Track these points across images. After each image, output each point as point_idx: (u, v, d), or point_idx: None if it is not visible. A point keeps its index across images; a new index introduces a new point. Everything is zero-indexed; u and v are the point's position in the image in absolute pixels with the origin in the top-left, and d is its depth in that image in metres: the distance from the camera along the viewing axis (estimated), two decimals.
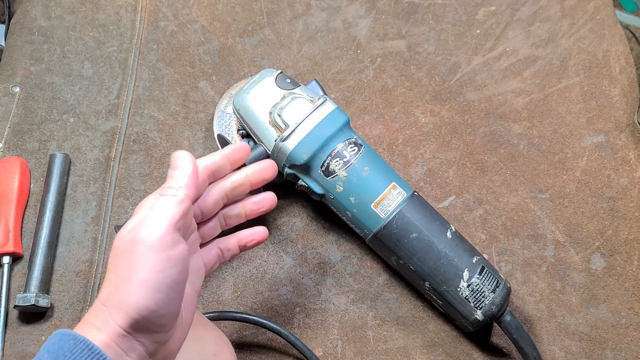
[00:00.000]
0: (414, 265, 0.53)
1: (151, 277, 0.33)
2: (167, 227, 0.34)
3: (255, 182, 0.44)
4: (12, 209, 0.58)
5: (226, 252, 0.44)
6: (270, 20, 0.72)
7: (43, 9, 0.70)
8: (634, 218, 0.62)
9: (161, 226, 0.34)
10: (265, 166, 0.44)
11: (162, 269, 0.33)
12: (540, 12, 0.73)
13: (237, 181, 0.43)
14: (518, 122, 0.67)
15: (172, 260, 0.34)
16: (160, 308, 0.34)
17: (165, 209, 0.35)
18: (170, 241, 0.34)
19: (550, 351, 0.56)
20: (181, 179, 0.36)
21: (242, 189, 0.43)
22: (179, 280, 0.34)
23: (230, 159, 0.42)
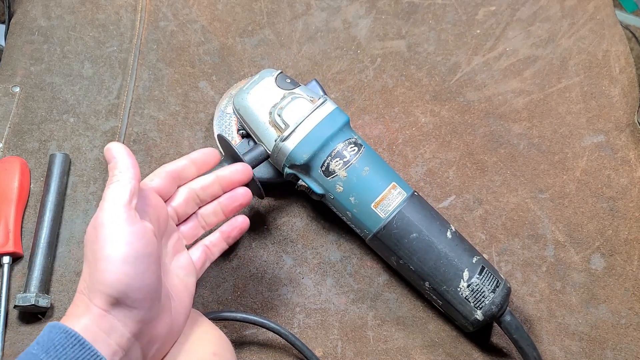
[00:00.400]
0: (414, 265, 0.53)
1: (116, 252, 0.36)
2: (120, 207, 0.37)
3: (226, 183, 0.47)
4: (12, 209, 0.58)
5: (213, 248, 0.48)
6: (270, 20, 0.72)
7: (43, 9, 0.70)
8: (634, 218, 0.62)
9: (115, 207, 0.37)
10: (237, 169, 0.47)
11: (125, 242, 0.36)
12: (540, 12, 0.73)
13: (206, 181, 0.46)
14: (518, 122, 0.67)
15: (134, 234, 0.36)
16: (132, 280, 0.36)
17: (113, 193, 0.38)
18: (127, 218, 0.37)
19: (550, 351, 0.56)
20: (119, 165, 0.39)
21: (213, 189, 0.47)
22: (145, 253, 0.37)
23: (195, 161, 0.45)
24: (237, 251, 0.59)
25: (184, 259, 0.45)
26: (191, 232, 0.47)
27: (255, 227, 0.61)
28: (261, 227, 0.60)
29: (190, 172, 0.45)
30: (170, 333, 0.41)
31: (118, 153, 0.39)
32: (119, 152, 0.40)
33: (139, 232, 0.37)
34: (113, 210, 0.37)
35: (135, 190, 0.38)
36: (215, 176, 0.46)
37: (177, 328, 0.41)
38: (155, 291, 0.38)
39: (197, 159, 0.46)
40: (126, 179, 0.38)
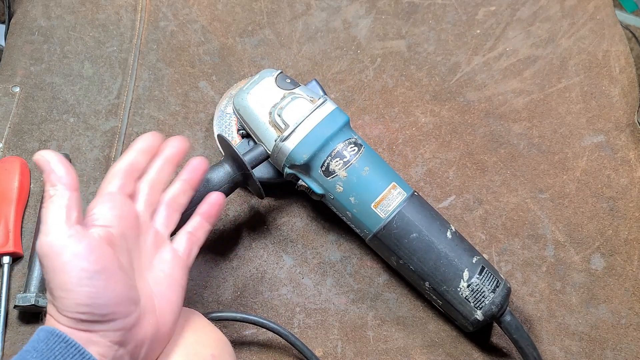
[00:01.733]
0: (414, 265, 0.53)
1: (67, 277, 0.34)
2: (60, 227, 0.35)
3: (175, 159, 0.45)
4: (12, 209, 0.58)
5: (197, 233, 0.46)
6: (270, 20, 0.72)
7: (43, 9, 0.70)
8: (634, 218, 0.62)
9: (54, 229, 0.35)
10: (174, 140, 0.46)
11: (74, 267, 0.34)
12: (540, 12, 0.73)
13: (158, 164, 0.44)
14: (518, 122, 0.67)
15: (80, 255, 0.35)
16: (94, 299, 0.34)
17: (50, 213, 0.36)
18: (69, 237, 0.35)
19: (550, 351, 0.56)
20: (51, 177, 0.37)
21: (168, 169, 0.45)
22: (99, 269, 0.35)
23: (141, 150, 0.43)
24: (237, 251, 0.59)
25: (167, 252, 0.43)
26: (169, 219, 0.45)
27: (255, 227, 0.61)
28: (261, 227, 0.61)
29: (142, 161, 0.43)
30: (159, 332, 0.40)
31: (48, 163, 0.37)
32: (49, 161, 0.37)
33: (87, 249, 0.35)
34: (53, 234, 0.35)
35: (73, 204, 0.36)
36: (163, 158, 0.45)
37: (166, 326, 0.40)
38: (125, 299, 0.36)
39: (143, 147, 0.44)
40: (59, 194, 0.36)
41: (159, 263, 0.42)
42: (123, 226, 0.39)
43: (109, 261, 0.36)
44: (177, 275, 0.43)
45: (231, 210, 0.61)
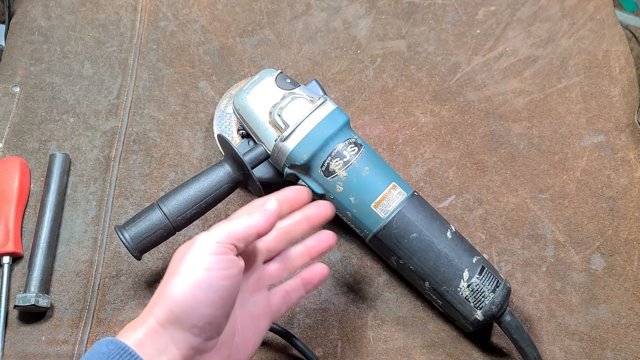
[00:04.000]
0: (414, 265, 0.53)
1: (195, 272, 0.35)
2: (225, 236, 0.37)
3: (314, 220, 0.47)
4: (12, 209, 0.58)
5: (292, 294, 0.46)
6: (270, 20, 0.72)
7: (43, 9, 0.70)
8: (634, 218, 0.62)
9: (220, 234, 0.37)
10: (323, 206, 0.47)
11: (208, 268, 0.36)
12: (540, 12, 0.73)
13: (298, 219, 0.46)
14: (518, 122, 0.67)
15: (220, 263, 0.36)
16: (197, 304, 0.35)
17: (232, 224, 0.38)
18: (223, 249, 0.37)
19: (550, 351, 0.56)
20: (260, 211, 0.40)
21: (302, 227, 0.46)
22: (224, 286, 0.36)
23: (287, 198, 0.46)
24: None
25: (262, 298, 0.44)
26: (277, 273, 0.46)
27: None
28: None
29: (285, 211, 0.45)
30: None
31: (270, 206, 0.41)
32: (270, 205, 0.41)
33: (224, 263, 0.37)
34: (217, 235, 0.37)
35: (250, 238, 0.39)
36: (303, 214, 0.46)
37: None
38: (217, 324, 0.37)
39: (290, 197, 0.46)
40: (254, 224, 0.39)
41: (252, 305, 0.43)
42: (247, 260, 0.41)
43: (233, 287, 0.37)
44: (262, 322, 0.43)
45: (231, 210, 0.61)
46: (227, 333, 0.39)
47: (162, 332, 0.35)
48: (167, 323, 0.35)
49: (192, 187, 0.52)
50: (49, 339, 0.54)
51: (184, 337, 0.36)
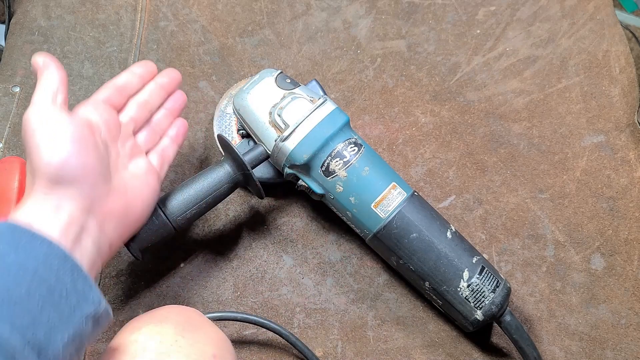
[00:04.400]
0: (414, 265, 0.53)
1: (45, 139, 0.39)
2: (43, 104, 0.41)
3: (168, 86, 0.52)
4: (12, 209, 0.58)
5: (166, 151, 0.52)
6: (270, 20, 0.72)
7: (43, 9, 0.70)
8: (634, 218, 0.62)
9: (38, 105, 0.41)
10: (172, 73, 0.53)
11: (54, 131, 0.40)
12: (540, 12, 0.73)
13: (152, 88, 0.51)
14: (518, 122, 0.67)
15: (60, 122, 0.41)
16: (65, 160, 0.39)
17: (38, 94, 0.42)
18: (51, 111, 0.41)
19: (550, 351, 0.56)
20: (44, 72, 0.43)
21: (159, 94, 0.52)
22: (75, 136, 0.40)
23: (137, 74, 0.50)
24: (237, 251, 0.59)
25: (142, 161, 0.49)
26: (149, 139, 0.51)
27: (255, 227, 0.61)
28: (261, 227, 0.61)
29: (136, 83, 0.50)
30: (127, 214, 0.45)
31: (43, 62, 0.43)
32: (43, 60, 0.43)
33: (65, 119, 0.41)
34: (37, 107, 0.41)
35: (60, 88, 0.42)
36: (156, 83, 0.52)
37: (135, 211, 0.46)
38: (95, 169, 0.41)
39: (139, 72, 0.51)
40: (48, 83, 0.42)
41: (133, 166, 0.48)
42: (104, 126, 0.45)
43: (86, 135, 0.42)
44: (151, 179, 0.48)
45: (231, 210, 0.61)
46: (118, 183, 0.44)
47: (50, 195, 0.39)
48: (52, 187, 0.39)
49: (192, 187, 0.52)
50: None
51: (72, 191, 0.39)
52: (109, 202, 0.43)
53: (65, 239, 0.38)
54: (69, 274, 0.36)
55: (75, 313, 0.35)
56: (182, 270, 0.58)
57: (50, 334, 0.33)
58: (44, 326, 0.33)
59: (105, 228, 0.42)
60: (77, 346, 0.36)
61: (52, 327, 0.34)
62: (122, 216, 0.44)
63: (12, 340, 0.31)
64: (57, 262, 0.35)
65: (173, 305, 0.46)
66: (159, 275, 0.58)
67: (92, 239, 0.40)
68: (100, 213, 0.41)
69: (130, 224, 0.46)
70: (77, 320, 0.35)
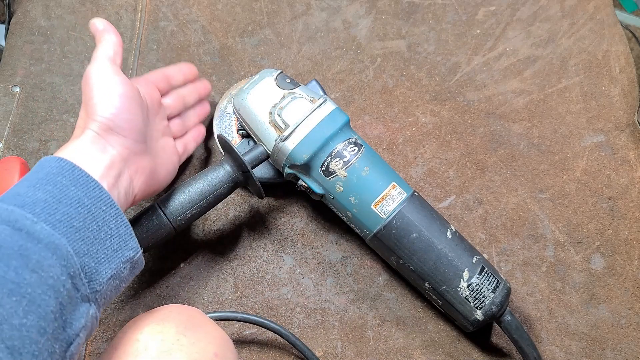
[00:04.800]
0: (414, 265, 0.53)
1: (106, 89, 0.45)
2: (105, 60, 0.47)
3: (202, 92, 0.61)
4: None
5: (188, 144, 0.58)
6: (270, 20, 0.72)
7: (43, 9, 0.70)
8: (634, 218, 0.62)
9: (101, 61, 0.47)
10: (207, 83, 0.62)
11: (111, 84, 0.46)
12: (540, 12, 0.73)
13: (190, 89, 0.59)
14: (518, 122, 0.67)
15: (117, 80, 0.46)
16: (119, 111, 0.45)
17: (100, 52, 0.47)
18: (111, 68, 0.46)
19: (550, 351, 0.56)
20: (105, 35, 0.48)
21: (193, 96, 0.59)
22: (129, 95, 0.46)
23: (181, 70, 0.58)
24: (237, 251, 0.59)
25: (170, 141, 0.55)
26: (178, 127, 0.57)
27: (255, 227, 0.61)
28: (261, 227, 0.61)
29: (179, 78, 0.58)
30: (153, 175, 0.50)
31: (103, 26, 0.48)
32: (103, 25, 0.48)
33: (123, 80, 0.46)
34: (99, 63, 0.46)
35: (118, 50, 0.48)
36: (194, 86, 0.60)
37: (159, 176, 0.51)
38: (139, 127, 0.47)
39: (183, 69, 0.59)
40: (111, 42, 0.48)
41: (163, 142, 0.54)
42: (148, 99, 0.51)
43: (136, 97, 0.47)
44: (174, 158, 0.55)
45: (231, 210, 0.61)
46: (150, 146, 0.50)
47: (99, 139, 0.44)
48: (103, 132, 0.44)
49: (192, 187, 0.52)
50: None
51: (117, 139, 0.45)
52: (142, 159, 0.48)
53: (107, 179, 0.43)
54: (112, 219, 0.41)
55: (117, 254, 0.41)
56: (182, 270, 0.58)
57: (98, 266, 0.39)
58: (94, 257, 0.39)
59: (135, 180, 0.47)
60: (115, 285, 0.41)
61: (99, 261, 0.39)
62: (149, 175, 0.49)
63: (75, 262, 0.37)
64: (105, 207, 0.41)
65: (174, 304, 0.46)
66: (159, 275, 0.58)
67: (124, 186, 0.45)
68: (133, 166, 0.46)
69: (154, 185, 0.50)
70: (118, 261, 0.41)
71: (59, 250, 0.36)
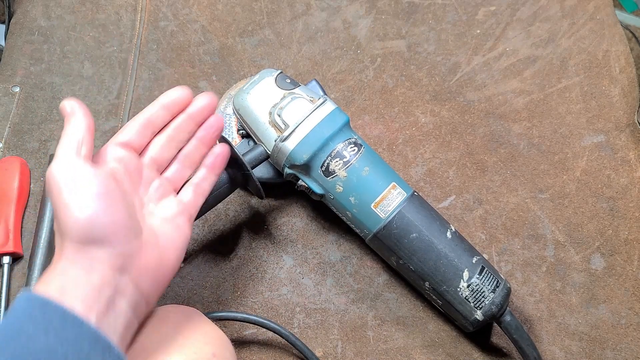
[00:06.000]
0: (414, 265, 0.53)
1: (71, 197, 0.37)
2: (68, 157, 0.38)
3: (197, 116, 0.46)
4: (12, 209, 0.58)
5: (202, 183, 0.47)
6: (270, 20, 0.72)
7: (43, 9, 0.70)
8: (634, 218, 0.62)
9: (63, 158, 0.38)
10: (202, 99, 0.46)
11: (79, 186, 0.37)
12: (540, 12, 0.73)
13: (178, 121, 0.45)
14: (518, 122, 0.67)
15: (85, 178, 0.38)
16: (93, 219, 0.37)
17: (63, 145, 0.39)
18: (76, 164, 0.38)
19: (550, 351, 0.56)
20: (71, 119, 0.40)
21: (188, 127, 0.46)
22: (101, 192, 0.38)
23: (165, 106, 0.45)
24: (237, 251, 0.59)
25: (170, 201, 0.45)
26: (178, 174, 0.47)
27: (255, 227, 0.61)
28: (261, 227, 0.61)
29: (162, 117, 0.45)
30: (162, 266, 0.42)
31: (70, 108, 0.40)
32: (71, 107, 0.40)
33: (91, 174, 0.38)
34: (61, 161, 0.38)
35: (85, 140, 0.39)
36: (186, 114, 0.46)
37: (169, 262, 0.42)
38: (125, 225, 0.38)
39: (168, 103, 0.45)
40: (74, 131, 0.39)
41: (162, 209, 0.44)
42: (126, 174, 0.42)
43: (111, 189, 0.39)
44: (181, 221, 0.44)
45: (231, 210, 0.61)
46: (148, 236, 0.41)
47: (81, 257, 0.36)
48: (81, 249, 0.36)
49: None
50: None
51: (103, 251, 0.37)
52: (142, 257, 0.40)
53: (98, 305, 0.35)
54: (100, 355, 0.34)
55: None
56: (182, 270, 0.58)
57: None
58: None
59: (141, 285, 0.39)
60: None
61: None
62: (157, 269, 0.41)
63: None
64: (88, 345, 0.34)
65: (172, 304, 0.46)
66: None
67: (127, 300, 0.38)
68: (134, 270, 0.39)
69: (166, 275, 0.42)
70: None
71: None
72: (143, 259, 0.40)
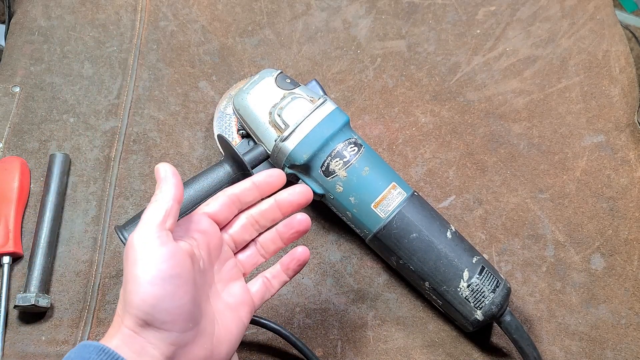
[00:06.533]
0: (414, 265, 0.53)
1: (142, 272, 0.36)
2: (152, 227, 0.37)
3: (285, 206, 0.45)
4: (12, 209, 0.58)
5: (273, 280, 0.46)
6: (270, 20, 0.72)
7: (43, 9, 0.70)
8: (634, 218, 0.62)
9: (147, 228, 0.37)
10: (295, 191, 0.45)
11: (153, 263, 0.36)
12: (540, 12, 0.73)
13: (264, 206, 0.45)
14: (518, 122, 0.67)
15: (163, 255, 0.36)
16: (159, 301, 0.36)
17: (148, 214, 0.38)
18: (158, 238, 0.37)
19: (550, 351, 0.56)
20: (162, 185, 0.39)
21: (272, 215, 0.45)
22: (174, 274, 0.36)
23: (258, 185, 0.44)
24: None
25: (238, 287, 0.44)
26: (250, 260, 0.46)
27: None
28: None
29: (252, 196, 0.44)
30: (212, 354, 0.40)
31: (164, 173, 0.40)
32: (165, 172, 0.40)
33: (169, 253, 0.37)
34: (144, 231, 0.37)
35: (172, 212, 0.38)
36: (274, 200, 0.45)
37: (220, 355, 0.40)
38: (187, 313, 0.37)
39: (261, 182, 0.44)
40: (164, 200, 0.38)
41: (228, 295, 0.43)
42: (204, 249, 0.41)
43: (185, 272, 0.37)
44: (242, 311, 0.43)
45: None
46: (206, 323, 0.39)
47: (136, 337, 0.36)
48: (138, 328, 0.36)
49: (192, 187, 0.52)
50: (49, 339, 0.54)
51: (158, 336, 0.36)
52: (194, 347, 0.38)
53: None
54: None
55: None
56: None
57: None
58: None
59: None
60: None
61: None
62: None
63: None
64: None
65: None
66: None
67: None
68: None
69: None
70: None
71: None
72: (195, 350, 0.38)
